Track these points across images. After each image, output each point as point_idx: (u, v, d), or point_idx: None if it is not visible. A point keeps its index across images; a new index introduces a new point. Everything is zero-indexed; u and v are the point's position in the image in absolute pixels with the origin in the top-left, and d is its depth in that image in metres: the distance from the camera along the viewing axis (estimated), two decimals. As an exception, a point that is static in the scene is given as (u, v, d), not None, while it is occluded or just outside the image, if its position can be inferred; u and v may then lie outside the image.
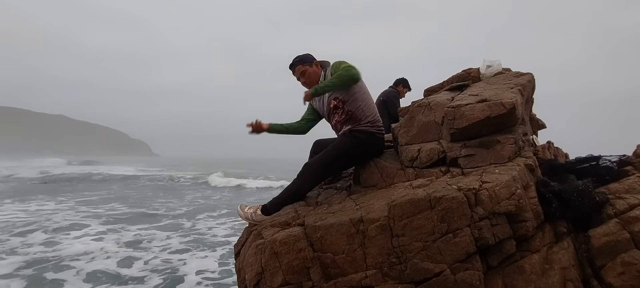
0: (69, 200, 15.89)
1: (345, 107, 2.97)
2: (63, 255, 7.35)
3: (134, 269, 6.66)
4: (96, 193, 18.73)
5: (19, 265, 6.74)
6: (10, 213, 12.19)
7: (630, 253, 2.13)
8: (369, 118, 2.98)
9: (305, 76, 3.04)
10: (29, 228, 9.80)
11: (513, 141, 2.57)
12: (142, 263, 7.02)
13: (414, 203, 2.13)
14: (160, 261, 7.15)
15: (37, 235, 9.04)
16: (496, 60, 3.66)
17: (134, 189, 21.92)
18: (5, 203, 14.35)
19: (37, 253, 7.50)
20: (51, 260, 7.02)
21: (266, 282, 2.20)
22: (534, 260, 2.15)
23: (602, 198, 2.36)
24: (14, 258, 7.14)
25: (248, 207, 2.94)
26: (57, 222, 10.66)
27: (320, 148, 3.12)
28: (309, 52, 3.14)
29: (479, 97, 2.72)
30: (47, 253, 7.51)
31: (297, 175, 2.92)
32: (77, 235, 9.15)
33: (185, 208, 14.26)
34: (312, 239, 2.24)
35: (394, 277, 2.09)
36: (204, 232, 9.83)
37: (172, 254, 7.64)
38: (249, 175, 33.36)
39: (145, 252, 7.73)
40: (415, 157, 2.73)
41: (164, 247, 8.16)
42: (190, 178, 29.79)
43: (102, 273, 6.40)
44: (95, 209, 13.36)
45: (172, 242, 8.67)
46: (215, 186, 24.86)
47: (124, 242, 8.53)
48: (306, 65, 3.06)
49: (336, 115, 3.04)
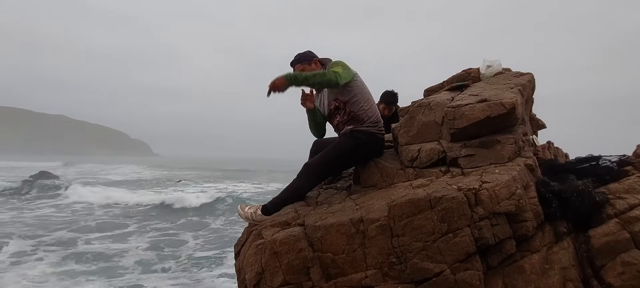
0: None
1: (346, 108, 2.96)
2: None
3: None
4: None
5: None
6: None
7: (630, 253, 2.13)
8: (371, 119, 2.97)
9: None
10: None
11: (513, 141, 2.57)
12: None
13: (414, 203, 2.13)
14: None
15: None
16: (496, 60, 3.65)
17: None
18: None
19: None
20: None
21: (266, 281, 2.20)
22: (534, 260, 2.15)
23: (602, 198, 2.36)
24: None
25: (248, 206, 2.94)
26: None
27: (320, 148, 3.11)
28: (309, 49, 3.10)
29: (479, 97, 2.72)
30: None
31: (297, 175, 2.92)
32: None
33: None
34: (312, 239, 2.24)
35: (394, 277, 2.09)
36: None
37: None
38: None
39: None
40: (415, 157, 2.73)
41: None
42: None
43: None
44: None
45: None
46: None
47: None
48: (304, 63, 3.02)
49: (338, 116, 3.03)
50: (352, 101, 2.94)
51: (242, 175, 38.49)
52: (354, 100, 2.94)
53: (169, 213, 14.95)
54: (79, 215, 14.31)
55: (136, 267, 8.23)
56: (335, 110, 3.01)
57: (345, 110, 2.96)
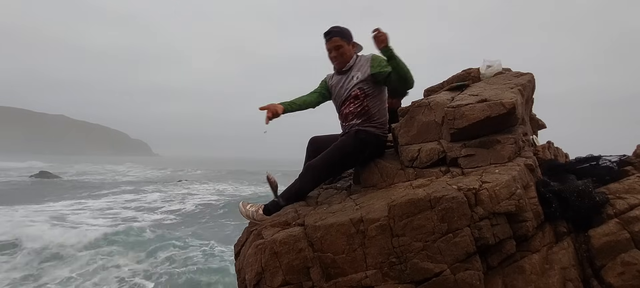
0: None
1: (364, 101, 2.90)
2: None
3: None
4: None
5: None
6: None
7: (630, 253, 2.13)
8: (381, 120, 2.97)
9: (339, 52, 2.92)
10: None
11: (513, 141, 2.57)
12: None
13: (414, 203, 2.13)
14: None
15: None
16: (496, 60, 3.65)
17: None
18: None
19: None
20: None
21: (266, 282, 2.20)
22: (534, 260, 2.15)
23: (602, 198, 2.36)
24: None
25: (250, 204, 2.91)
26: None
27: (317, 145, 3.07)
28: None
29: (479, 97, 2.72)
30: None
31: (299, 175, 2.91)
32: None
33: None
34: (312, 239, 2.24)
35: (394, 277, 2.09)
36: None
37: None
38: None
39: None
40: (415, 157, 2.73)
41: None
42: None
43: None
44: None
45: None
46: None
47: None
48: (344, 41, 2.92)
49: (352, 105, 2.94)
50: (373, 95, 2.91)
51: (250, 176, 38.51)
52: (375, 95, 2.91)
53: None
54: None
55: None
56: (354, 98, 2.93)
57: (362, 102, 2.91)
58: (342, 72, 3.01)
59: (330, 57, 2.97)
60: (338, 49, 2.92)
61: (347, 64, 2.97)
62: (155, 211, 17.03)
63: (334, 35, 2.91)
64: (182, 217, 15.76)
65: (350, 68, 2.98)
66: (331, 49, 2.94)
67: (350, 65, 2.97)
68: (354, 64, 2.97)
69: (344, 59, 2.95)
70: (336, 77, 3.07)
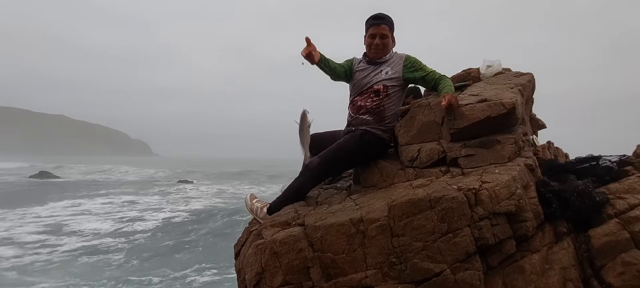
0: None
1: (384, 100, 2.85)
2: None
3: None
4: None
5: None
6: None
7: (631, 253, 2.13)
8: (390, 123, 2.94)
9: (384, 41, 2.86)
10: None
11: (513, 141, 2.57)
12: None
13: (414, 203, 2.13)
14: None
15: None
16: (496, 60, 3.65)
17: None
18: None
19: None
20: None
21: (266, 282, 2.20)
22: (534, 260, 2.15)
23: (602, 198, 2.36)
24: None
25: (256, 199, 2.89)
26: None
27: (317, 142, 3.01)
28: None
29: (479, 97, 2.72)
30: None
31: (299, 174, 2.88)
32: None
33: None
34: (312, 239, 2.24)
35: (394, 277, 2.09)
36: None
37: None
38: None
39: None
40: (415, 157, 2.73)
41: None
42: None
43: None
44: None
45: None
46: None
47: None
48: (392, 33, 2.88)
49: (369, 100, 2.88)
50: (393, 96, 2.88)
51: (250, 176, 38.56)
52: (395, 96, 2.89)
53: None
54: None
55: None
56: (375, 93, 2.87)
57: (381, 100, 2.86)
58: (374, 62, 2.93)
59: (373, 43, 2.86)
60: (384, 37, 2.85)
61: (384, 57, 2.91)
62: (150, 219, 16.74)
63: (385, 23, 2.84)
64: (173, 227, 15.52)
65: (383, 62, 2.91)
66: (377, 35, 2.83)
67: (385, 58, 2.91)
68: (389, 59, 2.91)
69: (385, 50, 2.88)
70: (364, 65, 2.97)
